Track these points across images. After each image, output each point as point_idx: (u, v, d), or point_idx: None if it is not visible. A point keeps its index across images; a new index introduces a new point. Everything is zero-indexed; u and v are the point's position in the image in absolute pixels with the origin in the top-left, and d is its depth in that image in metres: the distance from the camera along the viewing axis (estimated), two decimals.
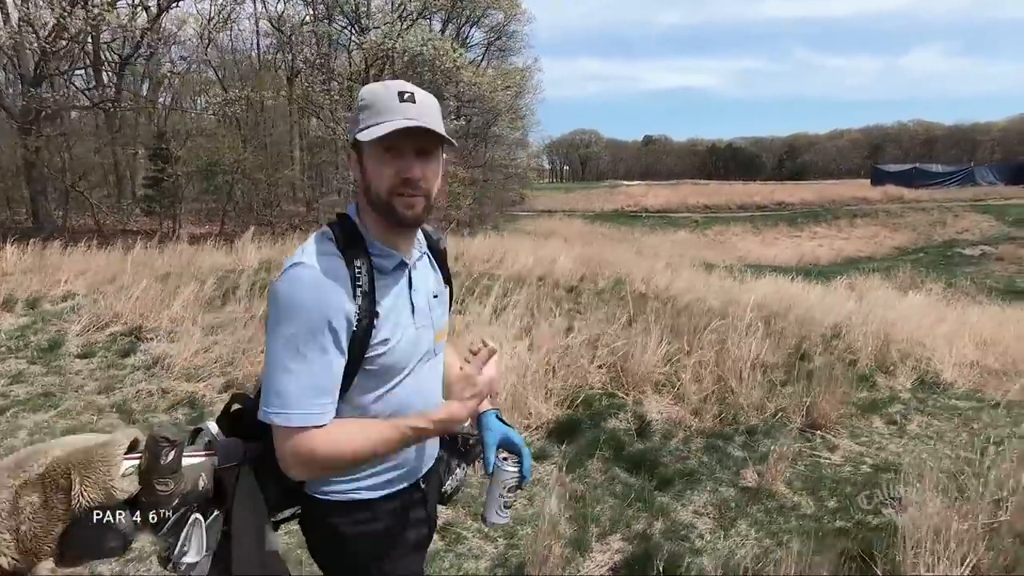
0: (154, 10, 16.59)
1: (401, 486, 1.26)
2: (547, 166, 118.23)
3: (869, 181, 47.09)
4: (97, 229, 14.05)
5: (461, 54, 16.67)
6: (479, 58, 28.80)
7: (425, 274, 1.28)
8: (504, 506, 1.28)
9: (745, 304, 8.37)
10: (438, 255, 1.34)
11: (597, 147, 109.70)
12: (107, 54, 17.31)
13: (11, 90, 13.22)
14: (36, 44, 12.55)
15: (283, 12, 22.20)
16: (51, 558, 1.03)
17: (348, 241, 1.13)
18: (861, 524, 3.25)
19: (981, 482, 3.27)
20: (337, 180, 16.57)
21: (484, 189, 25.10)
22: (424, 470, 1.31)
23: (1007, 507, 3.11)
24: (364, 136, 1.09)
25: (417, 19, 19.59)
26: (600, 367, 5.00)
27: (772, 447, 3.84)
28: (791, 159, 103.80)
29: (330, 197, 16.87)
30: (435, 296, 1.28)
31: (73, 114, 14.90)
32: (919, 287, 17.14)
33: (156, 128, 14.97)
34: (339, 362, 1.09)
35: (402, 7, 17.99)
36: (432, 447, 1.34)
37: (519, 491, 1.29)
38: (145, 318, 4.68)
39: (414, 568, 1.31)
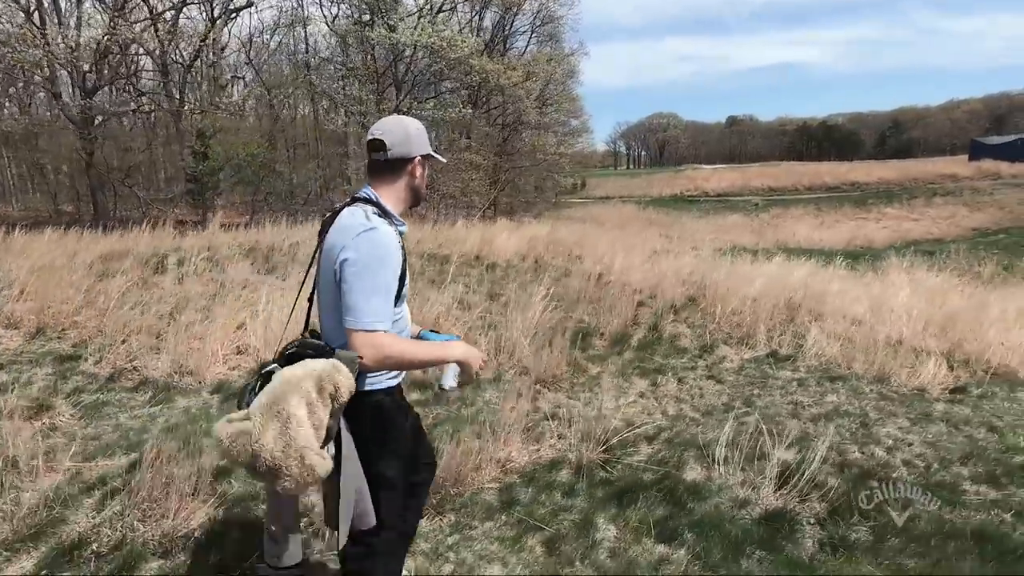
0: (217, 21, 18.56)
1: (395, 384, 1.82)
2: (623, 151, 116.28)
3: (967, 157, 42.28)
4: (149, 219, 16.07)
5: (465, 42, 17.07)
6: (526, 45, 29.04)
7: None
8: (451, 377, 1.82)
9: (674, 282, 8.46)
10: None
11: (676, 130, 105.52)
12: (173, 58, 19.42)
13: (71, 99, 15.39)
14: (90, 58, 14.58)
15: (336, 16, 23.77)
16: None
17: (385, 215, 1.69)
18: None
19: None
20: (346, 168, 17.72)
21: (515, 175, 25.44)
22: (400, 380, 1.88)
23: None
24: (422, 151, 1.75)
25: (440, 12, 20.28)
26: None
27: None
28: (895, 136, 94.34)
29: (343, 186, 18.07)
30: None
31: (124, 118, 17.09)
32: (965, 272, 15.62)
33: (195, 128, 16.78)
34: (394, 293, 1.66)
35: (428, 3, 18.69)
36: None
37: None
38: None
39: (408, 429, 1.85)
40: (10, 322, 4.59)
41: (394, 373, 1.76)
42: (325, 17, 22.75)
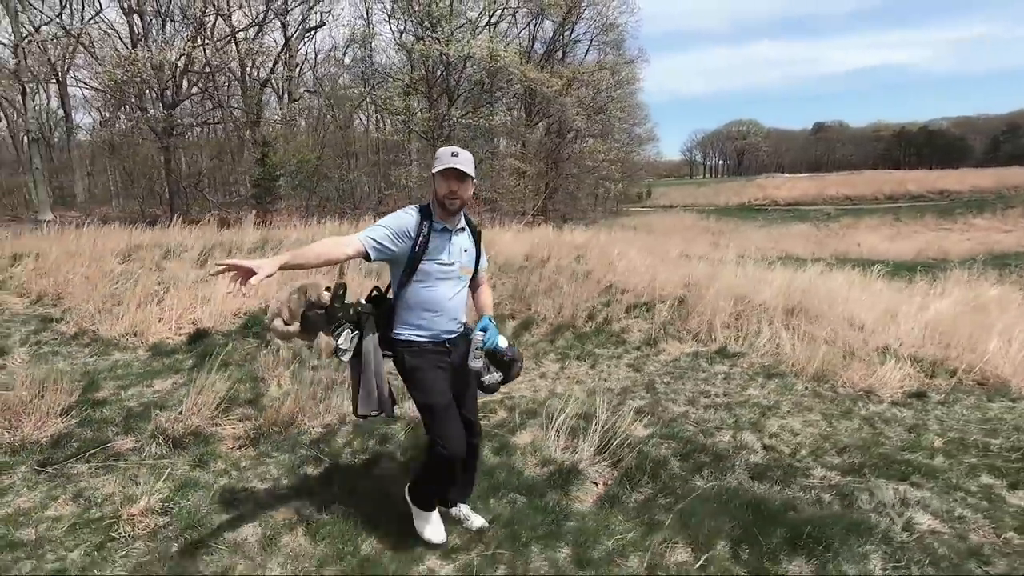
0: (292, 39, 20.38)
1: (433, 339, 2.34)
2: (699, 160, 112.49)
3: None
4: (220, 219, 17.77)
5: (506, 52, 17.57)
6: (585, 53, 29.28)
7: (462, 238, 2.38)
8: (475, 358, 2.32)
9: (667, 284, 8.48)
10: (475, 231, 2.49)
11: (756, 138, 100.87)
12: (250, 73, 21.41)
13: (154, 111, 17.42)
14: (170, 76, 16.49)
15: (402, 31, 25.23)
16: (298, 324, 2.23)
17: (425, 214, 2.28)
18: None
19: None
20: (397, 177, 18.68)
21: (564, 183, 25.62)
22: (445, 338, 2.37)
23: None
24: (436, 168, 2.25)
25: (497, 24, 21.04)
26: None
27: None
28: (1011, 140, 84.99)
29: (392, 193, 19.06)
30: (465, 251, 2.38)
31: (198, 129, 19.09)
32: None
33: (260, 138, 18.44)
34: (392, 243, 2.22)
35: (486, 13, 19.44)
36: (449, 326, 2.38)
37: (482, 351, 2.35)
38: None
39: (434, 377, 2.32)
40: (22, 292, 5.54)
41: (415, 331, 2.33)
42: (393, 33, 24.25)
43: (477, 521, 2.56)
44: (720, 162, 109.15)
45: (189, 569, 2.08)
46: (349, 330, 2.28)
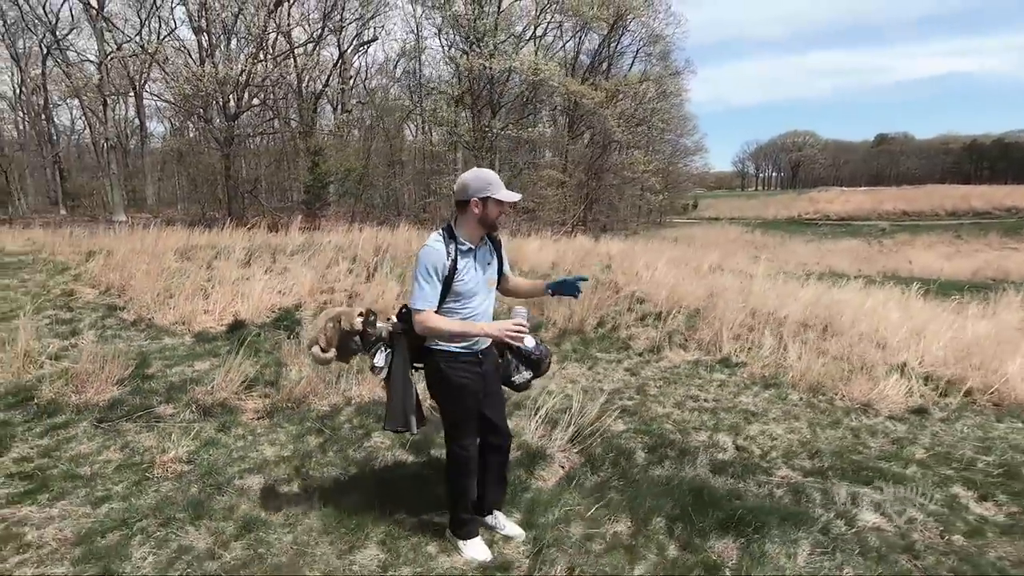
0: (346, 52, 21.58)
1: (467, 350, 2.46)
2: (752, 172, 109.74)
3: None
4: (271, 222, 18.88)
5: (543, 66, 18.04)
6: (630, 65, 29.48)
7: (484, 252, 2.49)
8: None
9: (687, 295, 8.68)
10: (494, 241, 2.58)
11: (813, 149, 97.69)
12: (307, 86, 22.74)
13: (219, 122, 18.79)
14: (232, 90, 17.78)
15: (451, 45, 26.24)
16: (333, 351, 2.50)
17: (449, 236, 2.38)
18: None
19: None
20: (438, 186, 19.41)
21: (604, 194, 25.80)
22: (478, 349, 2.49)
23: None
24: (502, 196, 2.37)
25: (542, 37, 21.58)
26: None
27: None
28: None
29: (432, 201, 19.80)
30: (489, 263, 2.51)
31: (259, 138, 20.42)
32: None
33: (314, 146, 19.59)
34: (438, 286, 2.34)
35: (530, 27, 20.04)
36: (485, 340, 2.48)
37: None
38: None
39: (463, 390, 2.46)
40: (95, 284, 6.34)
41: (460, 344, 2.44)
42: (442, 46, 25.21)
43: (513, 530, 2.67)
44: (774, 174, 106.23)
45: (204, 504, 2.57)
46: (383, 349, 2.49)
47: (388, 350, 2.49)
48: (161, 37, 23.43)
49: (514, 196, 2.38)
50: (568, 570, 2.31)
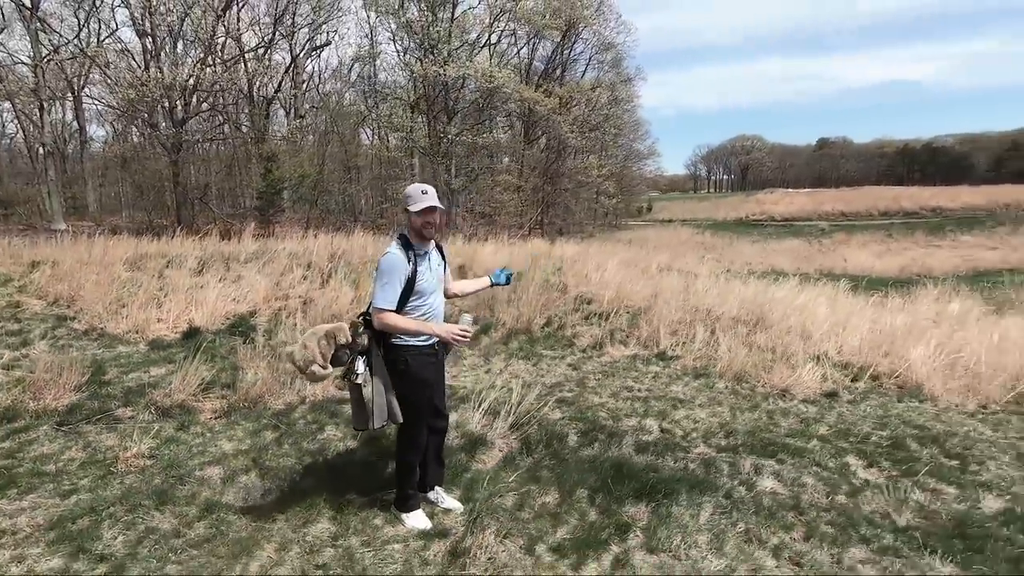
0: (299, 57, 21.34)
1: (425, 344, 2.75)
2: (704, 175, 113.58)
3: None
4: (223, 230, 18.52)
5: (497, 73, 18.48)
6: (583, 72, 30.23)
7: (434, 255, 2.85)
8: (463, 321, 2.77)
9: (632, 295, 9.14)
10: (438, 245, 2.92)
11: (760, 153, 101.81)
12: (258, 91, 22.40)
13: (165, 128, 18.39)
14: (179, 96, 17.45)
15: (406, 49, 26.30)
16: (331, 367, 2.64)
17: (406, 244, 2.70)
18: None
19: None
20: (394, 191, 19.56)
21: (560, 198, 26.42)
22: (434, 341, 2.77)
23: None
24: (413, 208, 2.69)
25: (496, 45, 21.95)
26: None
27: None
28: (1016, 158, 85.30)
29: (389, 207, 19.93)
30: (438, 264, 2.87)
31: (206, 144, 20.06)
32: (1004, 302, 14.67)
33: (266, 151, 19.39)
34: (398, 289, 2.62)
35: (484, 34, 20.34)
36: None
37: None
38: None
39: (427, 390, 2.79)
40: (41, 295, 6.33)
41: (418, 340, 2.73)
42: (397, 52, 25.28)
43: (451, 504, 2.99)
44: (725, 177, 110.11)
45: (168, 492, 2.80)
46: (360, 356, 2.69)
47: (364, 356, 2.70)
48: (101, 39, 22.69)
49: (423, 204, 2.67)
50: (498, 534, 2.65)
